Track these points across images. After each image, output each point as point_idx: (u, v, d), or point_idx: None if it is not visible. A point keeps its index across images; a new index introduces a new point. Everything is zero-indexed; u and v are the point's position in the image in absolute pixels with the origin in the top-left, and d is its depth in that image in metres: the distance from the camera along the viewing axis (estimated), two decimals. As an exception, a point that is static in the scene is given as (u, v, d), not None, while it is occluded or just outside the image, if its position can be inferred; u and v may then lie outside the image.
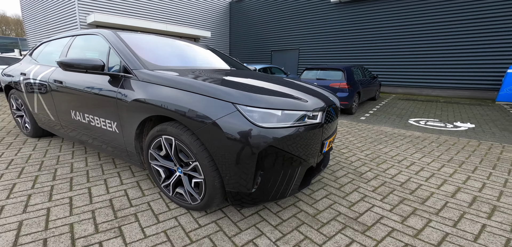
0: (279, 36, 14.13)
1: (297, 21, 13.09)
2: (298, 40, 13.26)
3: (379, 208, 1.94)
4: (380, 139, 3.95)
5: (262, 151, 1.41)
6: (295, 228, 1.64)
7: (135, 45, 2.19)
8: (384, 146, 3.56)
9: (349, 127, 4.76)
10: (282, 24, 13.78)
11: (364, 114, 6.39)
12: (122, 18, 10.57)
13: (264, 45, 15.11)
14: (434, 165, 2.85)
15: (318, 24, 12.39)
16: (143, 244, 1.39)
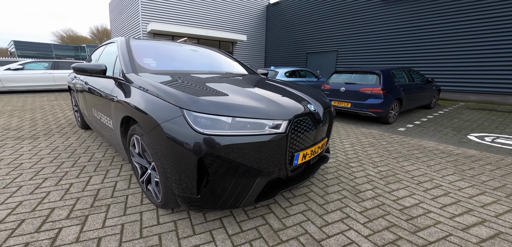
0: (315, 38, 13.52)
1: (336, 22, 12.28)
2: (337, 41, 12.42)
3: (355, 232, 1.64)
4: (411, 155, 3.35)
5: (204, 158, 1.36)
6: (249, 241, 1.52)
7: (139, 52, 2.41)
8: (410, 164, 3.00)
9: (376, 139, 4.18)
10: (320, 25, 13.14)
11: (406, 124, 5.53)
12: (172, 26, 11.94)
13: (300, 47, 14.68)
14: (468, 192, 2.26)
15: (361, 23, 11.35)
16: (95, 233, 1.50)
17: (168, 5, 12.44)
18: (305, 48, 14.20)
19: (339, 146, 3.66)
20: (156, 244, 1.44)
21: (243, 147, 1.41)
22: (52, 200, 1.85)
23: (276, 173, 1.62)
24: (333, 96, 6.00)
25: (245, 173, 1.47)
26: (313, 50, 13.66)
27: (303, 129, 1.69)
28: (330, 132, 2.16)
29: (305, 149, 1.75)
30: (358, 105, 5.42)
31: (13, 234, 1.45)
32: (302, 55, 14.43)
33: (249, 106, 1.54)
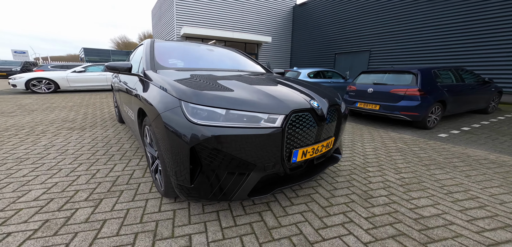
0: (345, 37, 12.73)
1: (370, 19, 11.37)
2: (370, 40, 11.50)
3: (355, 237, 1.50)
4: (448, 163, 2.94)
5: (196, 147, 1.39)
6: (240, 236, 1.51)
7: (160, 52, 2.60)
8: (443, 172, 2.63)
9: (407, 144, 3.75)
10: (351, 24, 12.32)
11: (449, 130, 4.86)
12: (202, 29, 12.70)
13: (327, 48, 13.98)
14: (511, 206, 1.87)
15: (400, 19, 10.29)
16: (103, 216, 1.65)
17: (199, 11, 13.26)
18: (333, 49, 13.52)
19: (359, 149, 3.38)
20: (151, 229, 1.53)
21: (237, 140, 1.40)
22: (79, 183, 2.11)
23: (271, 169, 1.58)
24: (359, 97, 5.58)
25: (238, 165, 1.47)
26: (342, 50, 12.92)
27: (302, 125, 1.61)
28: (339, 131, 2.01)
29: (305, 146, 1.66)
30: (388, 107, 4.94)
31: (40, 211, 1.69)
32: (330, 56, 13.78)
33: (245, 99, 1.53)
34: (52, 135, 3.56)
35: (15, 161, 2.51)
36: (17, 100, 7.11)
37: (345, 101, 5.95)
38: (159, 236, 1.46)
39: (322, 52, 14.33)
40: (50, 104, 6.50)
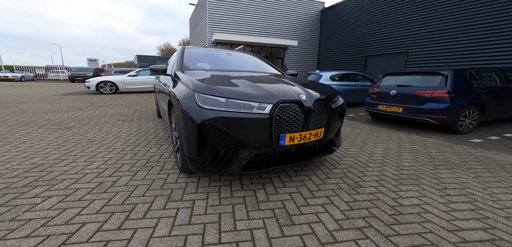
0: (377, 39, 11.90)
1: (408, 18, 10.45)
2: (406, 41, 10.56)
3: (329, 215, 1.67)
4: (463, 165, 2.81)
5: (202, 125, 1.74)
6: (233, 204, 1.83)
7: (189, 56, 3.11)
8: (450, 172, 2.54)
9: (426, 147, 3.58)
10: (384, 25, 11.46)
11: (487, 135, 4.42)
12: (230, 35, 13.35)
13: (357, 50, 13.23)
14: (503, 203, 1.80)
15: (443, 17, 9.27)
16: (137, 182, 2.14)
17: (229, 18, 13.97)
18: (364, 51, 12.79)
19: (368, 148, 3.39)
20: (167, 194, 1.94)
21: (232, 121, 1.73)
22: (125, 159, 2.70)
23: (262, 149, 1.87)
24: (381, 100, 5.36)
25: (234, 143, 1.80)
26: (374, 53, 12.14)
27: (289, 114, 1.86)
28: (330, 123, 2.18)
29: (292, 132, 1.90)
30: (412, 110, 4.68)
31: (98, 176, 2.27)
32: (360, 59, 13.05)
33: (243, 92, 1.87)
34: (111, 125, 4.42)
35: (86, 142, 3.28)
36: (90, 98, 8.69)
37: (366, 103, 5.78)
38: (171, 199, 1.87)
39: (351, 55, 13.72)
40: (111, 102, 7.81)
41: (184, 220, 1.58)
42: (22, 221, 1.49)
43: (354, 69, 13.02)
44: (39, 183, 2.01)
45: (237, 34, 13.98)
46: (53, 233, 1.40)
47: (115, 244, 1.33)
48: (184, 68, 2.77)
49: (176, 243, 1.36)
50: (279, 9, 14.99)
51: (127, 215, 1.60)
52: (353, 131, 4.54)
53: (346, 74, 8.05)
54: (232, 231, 1.50)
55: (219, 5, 13.55)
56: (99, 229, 1.45)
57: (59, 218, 1.55)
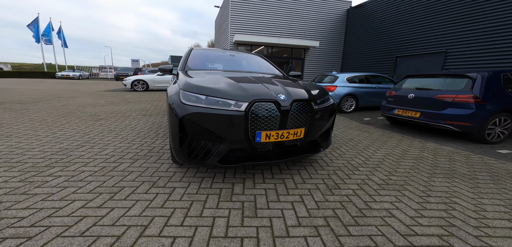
0: (410, 38, 10.85)
1: (448, 13, 9.38)
2: (446, 39, 9.48)
3: (293, 211, 1.70)
4: (469, 175, 2.57)
5: (183, 119, 1.90)
6: (208, 194, 1.96)
7: (194, 57, 3.34)
8: (446, 181, 2.35)
9: (437, 155, 3.29)
10: (419, 23, 10.43)
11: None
12: (250, 36, 13.48)
13: (387, 51, 12.23)
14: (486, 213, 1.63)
15: (497, 10, 8.12)
16: (140, 164, 2.42)
17: (250, 19, 14.09)
18: (394, 51, 11.81)
19: (368, 152, 3.24)
20: (154, 181, 2.15)
21: (210, 117, 1.86)
22: (131, 148, 3.02)
23: (238, 144, 1.97)
24: (397, 104, 4.98)
25: (211, 137, 1.93)
26: (406, 53, 11.13)
27: (265, 112, 1.92)
28: (312, 124, 2.17)
29: (269, 130, 1.96)
30: (431, 115, 4.29)
31: (104, 161, 2.62)
32: (390, 60, 12.09)
33: (223, 90, 1.99)
34: (132, 118, 4.92)
35: (107, 132, 3.74)
36: (124, 95, 9.67)
37: (382, 107, 5.43)
38: (155, 185, 2.06)
39: (380, 56, 12.83)
40: (140, 98, 8.60)
41: (158, 204, 1.76)
42: (29, 195, 1.80)
43: (383, 71, 12.18)
44: (57, 164, 2.40)
45: (258, 35, 14.09)
46: (46, 207, 1.64)
47: (89, 220, 1.55)
48: (186, 68, 3.00)
49: (142, 222, 1.54)
50: (301, 10, 14.70)
51: (112, 196, 1.83)
52: (360, 135, 4.34)
53: (367, 76, 7.63)
54: (197, 216, 1.63)
55: (241, 7, 13.82)
56: (84, 206, 1.68)
57: (57, 194, 1.83)
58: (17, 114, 4.76)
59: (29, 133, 3.42)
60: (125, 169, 2.35)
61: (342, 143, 3.73)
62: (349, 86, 7.08)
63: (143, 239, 1.38)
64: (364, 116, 6.75)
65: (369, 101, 7.49)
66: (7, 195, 1.77)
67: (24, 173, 2.13)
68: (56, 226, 1.44)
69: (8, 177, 2.04)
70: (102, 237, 1.37)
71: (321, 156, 2.99)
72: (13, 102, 6.35)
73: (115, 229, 1.44)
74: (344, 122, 5.64)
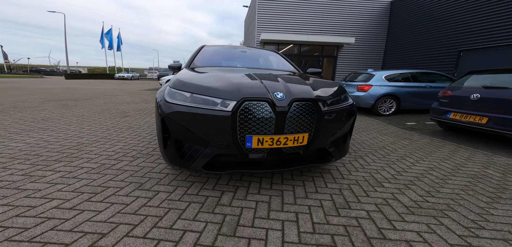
0: (481, 27, 8.84)
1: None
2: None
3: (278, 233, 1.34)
4: None
5: (165, 118, 1.73)
6: (191, 202, 1.75)
7: (203, 54, 3.23)
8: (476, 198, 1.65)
9: (507, 173, 2.47)
10: (493, 7, 8.44)
11: None
12: (277, 34, 12.96)
13: (445, 44, 10.24)
14: None
15: None
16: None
17: (277, 17, 13.53)
18: (456, 44, 9.85)
19: (401, 165, 2.61)
20: (142, 182, 2.04)
21: (194, 117, 1.63)
22: (137, 147, 3.02)
23: (224, 149, 1.69)
24: (454, 106, 4.01)
25: (194, 140, 1.71)
26: (473, 45, 9.17)
27: (257, 113, 1.60)
28: (319, 129, 1.77)
29: (261, 134, 1.64)
30: (505, 121, 3.29)
31: (106, 151, 2.66)
32: (450, 55, 10.13)
33: (210, 87, 1.75)
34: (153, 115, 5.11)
35: (126, 129, 3.89)
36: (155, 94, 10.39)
37: (432, 110, 4.46)
38: (141, 188, 1.94)
39: (436, 51, 10.92)
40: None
41: (131, 210, 1.61)
42: (19, 190, 1.81)
43: (440, 69, 10.40)
44: (64, 159, 2.50)
45: (285, 33, 13.56)
46: (22, 205, 1.65)
47: (50, 223, 1.48)
48: (192, 65, 2.87)
49: (103, 229, 1.39)
50: (334, 4, 13.63)
51: (91, 197, 1.75)
52: (397, 143, 3.61)
53: (413, 74, 6.51)
54: (166, 228, 1.42)
55: (269, 5, 13.46)
56: (57, 206, 1.62)
57: (43, 191, 1.81)
58: (66, 110, 5.40)
59: (63, 128, 3.77)
60: (121, 168, 2.31)
61: (369, 151, 3.13)
62: (388, 85, 6.13)
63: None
64: (408, 120, 5.74)
65: (416, 102, 6.38)
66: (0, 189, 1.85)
67: (31, 166, 2.25)
68: (12, 228, 1.39)
69: (16, 170, 2.17)
70: (50, 244, 1.26)
71: (337, 165, 2.51)
72: (70, 99, 7.31)
73: (68, 236, 1.32)
74: (378, 127, 4.85)
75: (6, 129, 3.57)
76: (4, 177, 1.99)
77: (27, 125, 3.84)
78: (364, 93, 6.13)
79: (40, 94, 8.74)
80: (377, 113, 6.22)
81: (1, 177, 1.99)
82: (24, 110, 5.27)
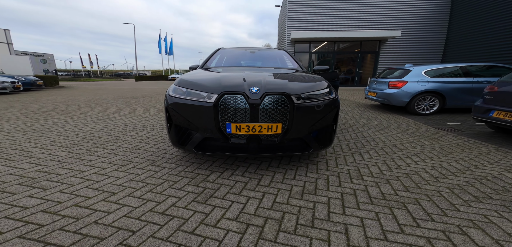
0: None
1: None
2: None
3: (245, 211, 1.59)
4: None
5: (168, 108, 2.17)
6: (184, 177, 2.15)
7: (218, 54, 3.66)
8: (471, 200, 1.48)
9: None
10: None
11: None
12: (309, 32, 12.40)
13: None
14: None
15: None
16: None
17: (309, 14, 12.94)
18: None
19: (400, 162, 2.42)
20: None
21: (186, 107, 2.03)
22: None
23: (210, 133, 2.03)
24: (499, 103, 3.36)
25: (188, 125, 2.11)
26: None
27: (234, 104, 1.90)
28: (293, 120, 1.94)
29: (239, 122, 1.92)
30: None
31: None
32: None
33: (201, 83, 2.12)
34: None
35: (161, 120, 4.67)
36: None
37: (474, 109, 3.80)
38: (156, 163, 2.46)
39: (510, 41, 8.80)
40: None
41: (140, 179, 2.10)
42: (80, 160, 2.58)
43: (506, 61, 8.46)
44: (113, 140, 3.27)
45: (317, 30, 12.91)
46: (77, 169, 2.35)
47: (97, 175, 2.07)
48: (205, 67, 3.30)
49: (120, 189, 1.91)
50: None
51: (120, 167, 2.35)
52: (416, 142, 3.29)
53: (465, 68, 5.52)
54: (158, 193, 1.84)
55: (300, 2, 13.07)
56: (97, 172, 2.27)
57: (93, 161, 2.53)
58: (127, 105, 6.69)
59: (120, 119, 4.77)
60: (147, 149, 2.89)
61: (373, 148, 2.97)
62: (429, 80, 5.38)
63: (108, 198, 1.73)
64: (453, 119, 4.96)
65: (467, 100, 5.40)
66: (70, 159, 2.62)
67: (93, 144, 3.05)
68: (65, 184, 2.04)
69: (83, 146, 3.00)
70: (80, 196, 1.82)
71: (327, 159, 2.54)
72: (132, 97, 8.93)
73: (95, 192, 1.88)
74: (405, 126, 4.37)
75: (87, 118, 4.76)
76: (74, 151, 2.78)
77: (99, 116, 5.01)
78: (397, 90, 5.54)
79: (115, 93, 10.86)
80: (414, 112, 5.54)
81: (73, 151, 2.79)
82: (101, 105, 6.78)
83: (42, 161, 2.45)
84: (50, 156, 2.58)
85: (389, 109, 6.33)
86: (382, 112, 5.89)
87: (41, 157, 2.56)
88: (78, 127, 3.98)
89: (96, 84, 22.16)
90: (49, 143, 3.07)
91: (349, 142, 3.26)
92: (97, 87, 15.90)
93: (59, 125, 4.14)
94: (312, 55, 13.84)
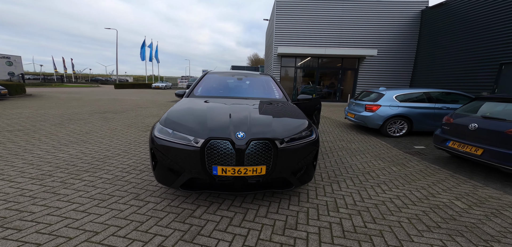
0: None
1: None
2: None
3: None
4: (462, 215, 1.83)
5: (153, 149, 2.23)
6: (170, 213, 2.20)
7: (204, 81, 3.77)
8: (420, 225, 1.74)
9: (473, 205, 2.44)
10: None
11: None
12: (295, 48, 13.18)
13: (485, 57, 9.27)
14: None
15: None
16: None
17: (294, 30, 13.78)
18: (498, 57, 8.92)
19: (372, 192, 2.70)
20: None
21: (173, 150, 2.08)
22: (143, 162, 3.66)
23: (197, 175, 2.10)
24: (454, 134, 3.86)
25: (174, 166, 2.16)
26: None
27: (220, 149, 1.99)
28: (277, 162, 2.07)
29: (225, 165, 2.01)
30: (498, 155, 3.14)
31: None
32: (490, 68, 9.20)
33: (187, 125, 2.20)
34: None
35: (144, 143, 4.61)
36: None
37: (434, 137, 4.30)
38: (140, 196, 2.47)
39: (473, 64, 9.98)
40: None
41: (124, 215, 2.12)
42: (55, 194, 2.51)
43: (478, 83, 9.57)
44: (91, 169, 3.19)
45: (303, 46, 13.70)
46: (53, 206, 2.30)
47: (76, 212, 2.05)
48: (191, 95, 3.39)
49: (102, 228, 1.91)
50: (355, 15, 13.36)
51: (100, 202, 2.33)
52: (386, 169, 3.63)
53: (429, 94, 6.18)
54: (143, 232, 1.87)
55: (287, 18, 13.76)
56: (74, 209, 2.24)
57: (70, 195, 2.47)
58: (105, 123, 6.41)
59: (97, 141, 4.60)
60: (128, 180, 2.87)
61: (350, 176, 3.25)
62: (399, 105, 5.96)
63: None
64: (418, 142, 5.51)
65: (430, 125, 6.04)
66: (43, 193, 2.53)
67: (68, 175, 2.96)
68: (41, 223, 1.99)
69: (57, 177, 2.89)
70: (61, 237, 1.81)
71: (308, 189, 2.74)
72: (110, 112, 8.53)
73: (75, 232, 1.87)
74: (378, 150, 4.79)
75: (59, 140, 4.52)
76: (47, 183, 2.67)
77: (74, 137, 4.76)
78: (372, 114, 6.06)
79: (91, 106, 10.27)
80: (386, 134, 6.07)
81: (46, 183, 2.68)
82: (75, 122, 6.42)
83: (11, 196, 2.33)
84: (20, 191, 2.45)
85: (365, 131, 6.83)
86: (359, 134, 6.34)
87: (9, 192, 2.42)
88: (49, 152, 3.78)
89: (69, 91, 20.79)
90: (17, 174, 2.88)
91: (328, 169, 3.51)
92: (70, 96, 14.92)
93: (27, 149, 3.88)
94: (298, 70, 14.63)
